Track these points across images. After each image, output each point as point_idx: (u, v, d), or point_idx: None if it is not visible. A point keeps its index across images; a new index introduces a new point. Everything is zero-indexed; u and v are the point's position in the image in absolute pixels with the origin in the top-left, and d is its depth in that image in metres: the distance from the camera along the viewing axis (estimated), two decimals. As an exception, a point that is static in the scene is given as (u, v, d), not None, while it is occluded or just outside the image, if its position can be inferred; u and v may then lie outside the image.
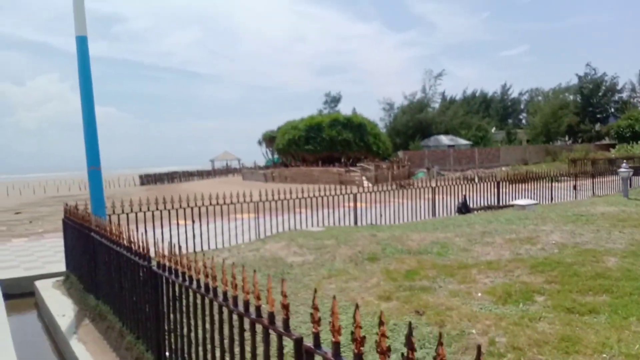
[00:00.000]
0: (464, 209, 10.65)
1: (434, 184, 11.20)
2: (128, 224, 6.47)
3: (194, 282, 3.10)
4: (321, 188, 10.27)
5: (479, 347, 1.42)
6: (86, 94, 6.98)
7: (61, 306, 6.11)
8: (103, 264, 5.30)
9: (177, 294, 3.42)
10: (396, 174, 34.74)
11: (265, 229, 9.21)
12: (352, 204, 10.31)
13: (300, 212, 9.49)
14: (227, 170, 69.89)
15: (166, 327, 3.69)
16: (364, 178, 34.35)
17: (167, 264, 3.55)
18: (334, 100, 55.39)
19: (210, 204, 8.72)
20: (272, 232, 9.14)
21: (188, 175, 63.74)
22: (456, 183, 11.47)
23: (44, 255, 9.41)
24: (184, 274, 3.33)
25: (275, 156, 50.54)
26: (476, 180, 11.89)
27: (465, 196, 11.10)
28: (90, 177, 7.17)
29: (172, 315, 3.54)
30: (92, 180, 7.16)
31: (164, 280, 3.65)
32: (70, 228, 6.93)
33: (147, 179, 62.11)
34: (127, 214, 7.80)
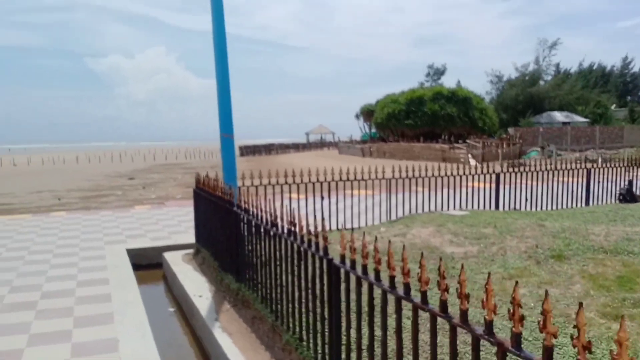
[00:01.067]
0: (628, 196, 8.96)
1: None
2: (261, 197, 5.81)
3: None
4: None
5: None
6: (221, 60, 6.40)
7: (196, 285, 5.63)
8: (249, 245, 4.66)
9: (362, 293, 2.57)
10: (505, 152, 32.20)
11: (387, 208, 8.29)
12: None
13: (417, 192, 8.44)
14: (321, 144, 69.88)
15: (347, 334, 2.89)
16: (469, 156, 32.24)
17: (350, 255, 2.75)
18: (437, 72, 52.67)
19: (341, 179, 7.91)
20: (398, 212, 8.18)
21: (285, 148, 64.52)
22: (615, 165, 9.72)
23: (168, 224, 9.21)
24: (377, 272, 2.49)
25: (373, 130, 49.30)
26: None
27: (630, 181, 9.35)
28: (222, 144, 6.62)
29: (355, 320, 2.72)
30: (224, 148, 6.61)
31: (346, 276, 2.84)
32: (204, 200, 6.44)
33: (246, 150, 63.82)
34: (257, 187, 7.19)
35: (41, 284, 5.60)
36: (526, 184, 9.04)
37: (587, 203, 9.38)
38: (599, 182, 9.40)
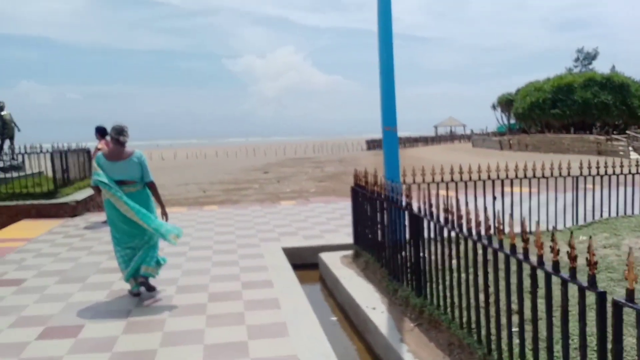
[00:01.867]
0: None
1: None
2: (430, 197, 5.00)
3: None
4: (611, 162, 7.42)
5: None
6: (385, 47, 5.74)
7: (364, 294, 5.03)
8: (435, 253, 3.92)
9: None
10: (676, 144, 27.68)
11: (566, 209, 6.94)
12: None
13: (585, 190, 6.94)
14: (451, 137, 66.98)
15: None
16: (630, 149, 28.25)
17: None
18: (588, 57, 47.26)
19: (516, 176, 6.81)
20: (575, 214, 6.81)
21: (413, 141, 62.94)
22: None
23: (317, 222, 8.83)
24: None
25: (512, 121, 45.74)
26: None
27: None
28: (385, 138, 5.96)
29: None
30: (387, 142, 5.94)
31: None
32: (366, 199, 5.84)
33: (373, 144, 63.37)
34: (419, 184, 6.39)
35: (206, 284, 5.42)
36: None
37: None
38: None
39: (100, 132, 8.98)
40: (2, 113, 11.52)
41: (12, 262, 6.49)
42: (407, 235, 4.67)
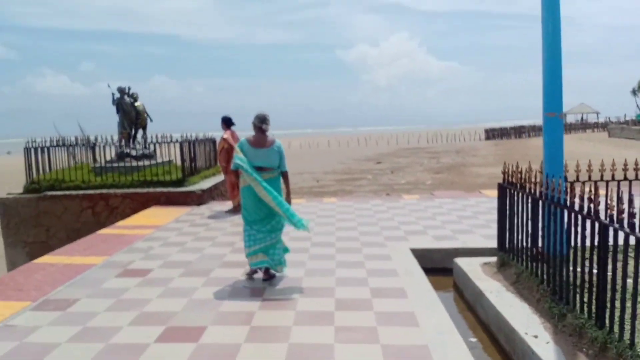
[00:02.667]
0: None
1: None
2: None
3: None
4: None
5: None
6: (552, 23, 4.78)
7: (518, 315, 4.19)
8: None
9: None
10: None
11: None
12: None
13: None
14: (583, 125, 60.97)
15: None
16: None
17: None
18: None
19: None
20: None
21: (537, 130, 58.38)
22: None
23: (448, 220, 7.99)
24: None
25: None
26: None
27: None
28: (546, 126, 4.97)
29: None
30: (549, 130, 4.95)
31: None
32: (524, 200, 4.94)
33: (492, 133, 59.85)
34: (583, 182, 5.29)
35: (332, 288, 4.92)
36: None
37: None
38: None
39: (226, 122, 8.97)
40: (136, 104, 12.11)
41: (140, 251, 6.57)
42: (574, 245, 3.76)
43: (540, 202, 4.49)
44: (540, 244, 4.57)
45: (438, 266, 6.38)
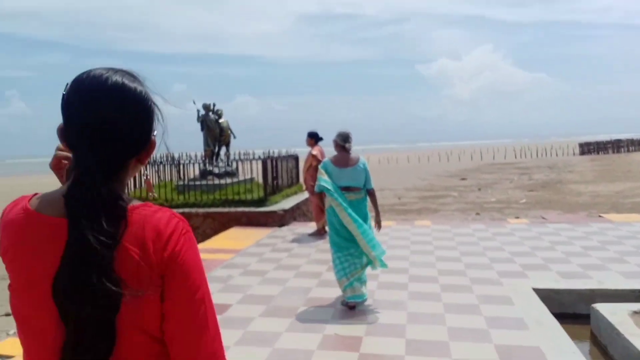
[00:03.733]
0: None
1: None
2: None
3: None
4: None
5: None
6: None
7: None
8: None
9: None
10: None
11: None
12: None
13: None
14: None
15: None
16: None
17: None
18: None
19: None
20: None
21: (637, 145, 53.40)
22: None
23: (571, 252, 6.72)
24: None
25: None
26: None
27: None
28: None
29: None
30: None
31: None
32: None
33: (588, 148, 55.59)
34: None
35: (445, 342, 3.97)
36: None
37: None
38: None
39: (314, 137, 8.34)
40: (220, 120, 11.86)
41: (219, 280, 5.96)
42: None
43: None
44: None
45: (567, 311, 5.21)
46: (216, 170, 11.19)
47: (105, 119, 0.98)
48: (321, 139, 8.47)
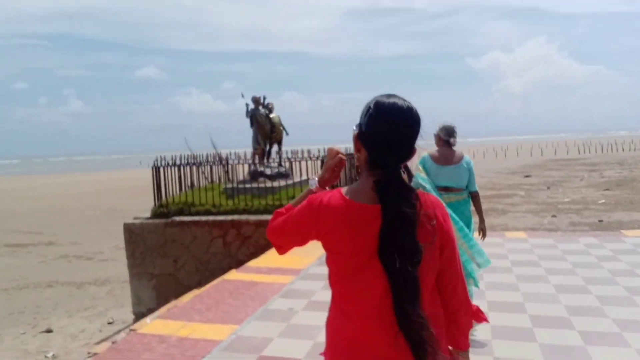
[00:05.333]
0: None
1: None
2: None
3: None
4: None
5: None
6: None
7: None
8: None
9: None
10: None
11: None
12: None
13: None
14: None
15: None
16: None
17: None
18: None
19: None
20: None
21: None
22: None
23: None
24: None
25: None
26: None
27: None
28: None
29: None
30: None
31: None
32: None
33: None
34: None
35: None
36: None
37: None
38: None
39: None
40: (271, 115, 10.68)
41: (278, 317, 4.71)
42: None
43: None
44: None
45: None
46: (268, 172, 10.00)
47: (406, 134, 1.51)
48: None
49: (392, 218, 1.40)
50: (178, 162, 9.43)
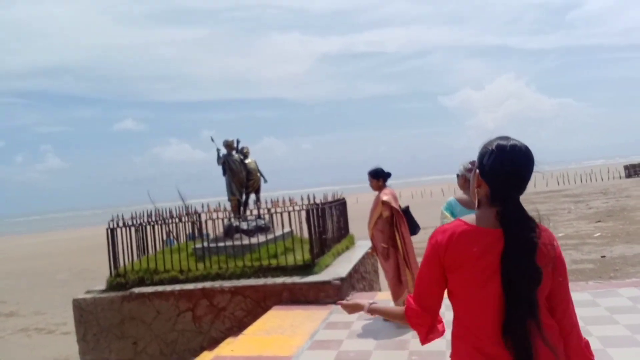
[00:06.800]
0: None
1: None
2: None
3: None
4: None
5: None
6: None
7: None
8: None
9: None
10: None
11: None
12: None
13: None
14: None
15: None
16: None
17: None
18: None
19: None
20: None
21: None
22: None
23: None
24: None
25: None
26: None
27: None
28: None
29: None
30: None
31: None
32: None
33: (634, 170, 52.08)
34: None
35: None
36: None
37: None
38: None
39: (382, 175, 5.86)
40: (247, 161, 9.47)
41: None
42: None
43: None
44: None
45: None
46: (244, 226, 8.67)
47: (527, 171, 1.72)
48: (389, 175, 6.01)
49: (514, 242, 1.61)
50: (138, 220, 8.05)
